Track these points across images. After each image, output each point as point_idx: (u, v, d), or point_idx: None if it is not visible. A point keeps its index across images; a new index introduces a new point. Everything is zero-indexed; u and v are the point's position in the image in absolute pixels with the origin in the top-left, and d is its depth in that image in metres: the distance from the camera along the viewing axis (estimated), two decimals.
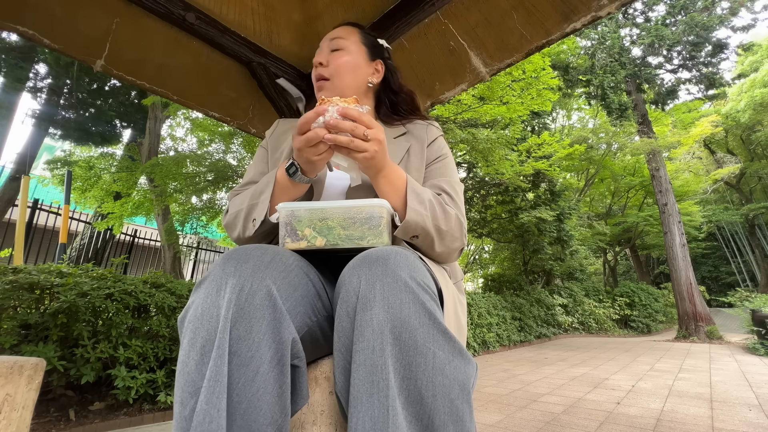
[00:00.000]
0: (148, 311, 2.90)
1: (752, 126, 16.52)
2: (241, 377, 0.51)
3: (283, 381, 0.54)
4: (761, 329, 6.19)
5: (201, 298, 0.56)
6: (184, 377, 0.52)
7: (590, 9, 1.23)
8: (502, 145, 7.18)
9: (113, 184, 7.38)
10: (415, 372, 0.51)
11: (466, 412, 0.53)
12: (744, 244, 20.37)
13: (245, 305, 0.53)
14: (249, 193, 0.82)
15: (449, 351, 0.54)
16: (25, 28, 1.28)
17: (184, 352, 0.54)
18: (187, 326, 0.55)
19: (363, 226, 0.68)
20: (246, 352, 0.52)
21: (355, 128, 0.65)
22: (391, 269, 0.56)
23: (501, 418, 2.60)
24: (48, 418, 2.29)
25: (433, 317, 0.54)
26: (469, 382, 0.55)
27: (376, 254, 0.58)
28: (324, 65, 0.92)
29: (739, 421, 2.48)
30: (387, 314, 0.53)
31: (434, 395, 0.51)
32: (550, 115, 13.99)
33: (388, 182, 0.74)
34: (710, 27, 9.68)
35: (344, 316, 0.56)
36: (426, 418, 0.51)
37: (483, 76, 1.54)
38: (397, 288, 0.54)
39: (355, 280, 0.57)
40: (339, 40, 0.93)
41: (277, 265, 0.60)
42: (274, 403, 0.52)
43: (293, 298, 0.60)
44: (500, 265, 12.63)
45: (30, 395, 0.93)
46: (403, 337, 0.52)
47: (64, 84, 6.65)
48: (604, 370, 4.67)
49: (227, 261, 0.58)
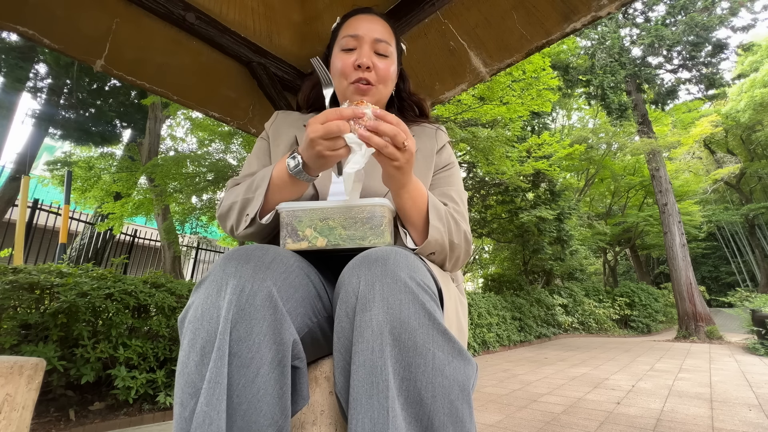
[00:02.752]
0: (148, 311, 2.90)
1: (752, 126, 16.51)
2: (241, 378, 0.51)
3: (284, 382, 0.54)
4: (761, 329, 6.19)
5: (201, 298, 0.55)
6: (184, 378, 0.52)
7: (590, 9, 1.23)
8: (502, 143, 7.18)
9: (113, 185, 7.38)
10: (415, 373, 0.51)
11: (466, 413, 0.53)
12: (744, 244, 20.36)
13: (246, 306, 0.53)
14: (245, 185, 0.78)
15: (449, 352, 0.53)
16: (25, 28, 1.28)
17: (184, 353, 0.53)
18: (187, 327, 0.55)
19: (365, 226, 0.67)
20: (246, 353, 0.52)
21: (396, 135, 0.61)
22: (391, 269, 0.55)
23: (501, 418, 2.60)
24: (48, 418, 2.29)
25: (432, 318, 0.54)
26: (469, 383, 0.55)
27: (376, 254, 0.58)
28: (370, 69, 0.83)
29: (739, 421, 2.48)
30: (386, 315, 0.52)
31: (434, 396, 0.51)
32: (550, 115, 13.99)
33: (411, 198, 0.71)
34: (710, 27, 9.68)
35: (343, 317, 0.56)
36: (425, 419, 0.50)
37: (483, 76, 1.54)
38: (397, 288, 0.54)
39: (354, 281, 0.56)
40: (385, 45, 0.85)
41: (278, 266, 0.60)
42: (275, 404, 0.52)
43: (294, 299, 0.60)
44: (500, 265, 12.63)
45: (30, 395, 0.93)
46: (402, 338, 0.52)
47: (64, 84, 6.65)
48: (604, 370, 4.67)
49: (228, 261, 0.58)
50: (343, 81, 0.85)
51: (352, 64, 0.83)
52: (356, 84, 0.83)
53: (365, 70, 0.83)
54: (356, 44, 0.85)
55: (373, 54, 0.85)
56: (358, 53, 0.84)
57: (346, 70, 0.84)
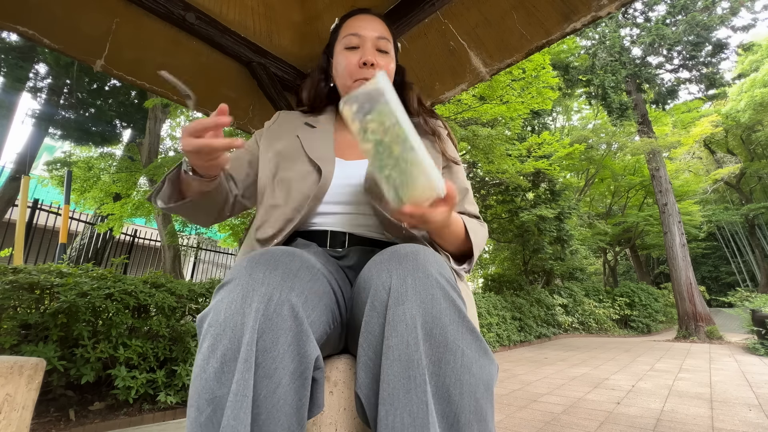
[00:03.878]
0: (148, 311, 2.90)
1: (752, 126, 16.51)
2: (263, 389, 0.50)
3: (303, 394, 0.53)
4: (761, 329, 6.19)
5: (225, 302, 0.54)
6: (201, 383, 0.50)
7: (590, 9, 1.23)
8: (502, 141, 7.18)
9: (113, 185, 7.38)
10: (444, 369, 0.51)
11: (489, 413, 0.53)
12: (744, 244, 20.36)
13: (273, 316, 0.52)
14: None
15: (476, 350, 0.53)
16: (25, 28, 1.28)
17: (202, 356, 0.52)
18: (207, 330, 0.53)
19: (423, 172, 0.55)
20: (270, 364, 0.51)
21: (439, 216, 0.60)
22: (422, 265, 0.55)
23: (501, 418, 2.60)
24: (48, 418, 2.29)
25: (462, 315, 0.54)
26: (492, 382, 0.55)
27: (405, 250, 0.58)
28: (375, 66, 0.85)
29: (739, 421, 2.48)
30: (420, 309, 0.52)
31: (461, 393, 0.50)
32: (550, 115, 13.99)
33: (452, 232, 0.74)
34: (710, 27, 9.68)
35: (372, 312, 0.55)
36: (452, 416, 0.50)
37: (483, 76, 1.54)
38: (429, 284, 0.54)
39: (384, 276, 0.56)
40: (386, 42, 0.88)
41: (304, 274, 0.59)
42: (293, 415, 0.52)
43: (318, 309, 0.59)
44: (500, 265, 12.63)
45: (30, 395, 0.93)
46: (434, 333, 0.52)
47: (64, 84, 6.65)
48: (604, 370, 4.67)
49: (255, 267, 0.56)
50: (348, 79, 0.86)
51: (357, 62, 0.84)
52: (361, 81, 0.84)
53: (370, 67, 0.84)
54: (359, 42, 0.86)
55: (376, 52, 0.86)
56: (362, 51, 0.85)
57: (350, 68, 0.85)
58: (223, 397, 0.49)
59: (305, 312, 0.56)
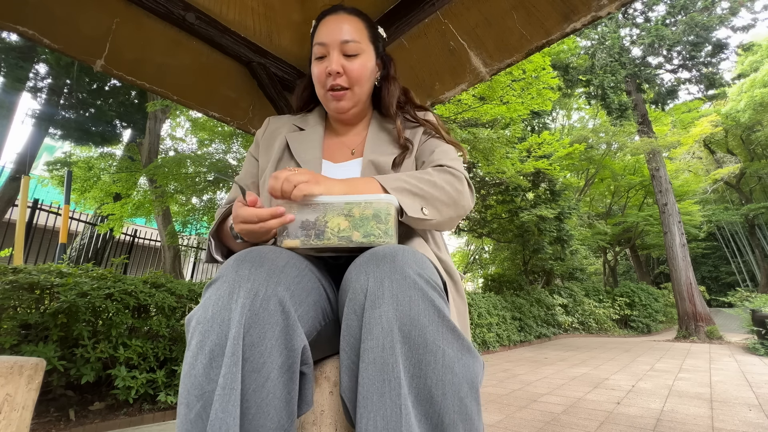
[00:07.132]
0: (148, 311, 2.90)
1: (752, 126, 16.51)
2: (252, 383, 0.51)
3: (292, 387, 0.54)
4: (761, 329, 6.19)
5: (212, 300, 0.55)
6: (190, 380, 0.51)
7: (590, 9, 1.23)
8: (502, 144, 7.18)
9: (113, 185, 7.37)
10: (425, 370, 0.51)
11: (475, 411, 0.53)
12: (744, 244, 20.36)
13: (259, 311, 0.52)
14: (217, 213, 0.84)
15: (458, 348, 0.53)
16: (25, 28, 1.28)
17: (191, 353, 0.52)
18: (195, 327, 0.54)
19: (370, 223, 0.63)
20: (258, 358, 0.51)
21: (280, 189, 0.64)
22: (399, 266, 0.55)
23: (501, 418, 2.60)
24: (48, 418, 2.29)
25: (441, 314, 0.54)
26: (477, 380, 0.54)
27: (383, 252, 0.58)
28: (341, 74, 0.84)
29: (739, 421, 2.48)
30: (396, 312, 0.52)
31: (444, 394, 0.50)
32: (550, 115, 13.98)
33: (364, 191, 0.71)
34: (710, 27, 9.67)
35: (351, 315, 0.55)
36: (436, 417, 0.50)
37: (483, 76, 1.54)
38: (406, 285, 0.54)
39: (362, 278, 0.56)
40: (353, 44, 0.85)
41: (291, 269, 0.60)
42: (282, 408, 0.52)
43: (306, 304, 0.60)
44: (500, 265, 12.63)
45: (30, 395, 0.93)
46: (412, 335, 0.51)
47: (64, 84, 6.64)
48: (604, 370, 4.67)
49: (241, 264, 0.57)
50: (320, 89, 0.88)
51: (324, 72, 0.85)
52: (331, 92, 0.86)
53: (336, 76, 0.84)
54: (324, 51, 0.86)
55: (342, 57, 0.85)
56: (328, 60, 0.85)
57: (320, 78, 0.86)
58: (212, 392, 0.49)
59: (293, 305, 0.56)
